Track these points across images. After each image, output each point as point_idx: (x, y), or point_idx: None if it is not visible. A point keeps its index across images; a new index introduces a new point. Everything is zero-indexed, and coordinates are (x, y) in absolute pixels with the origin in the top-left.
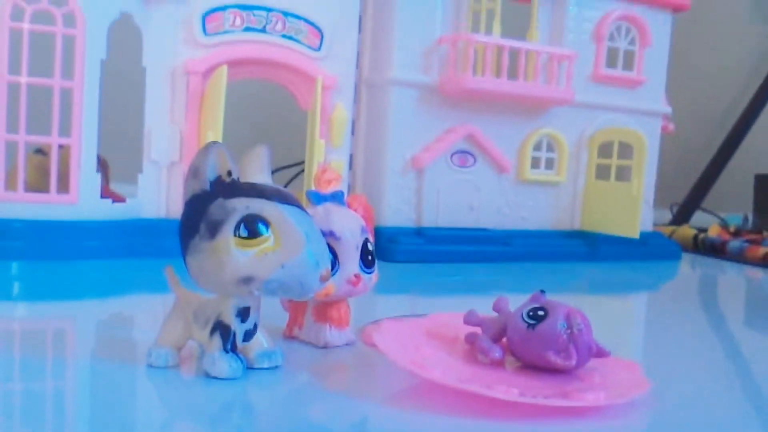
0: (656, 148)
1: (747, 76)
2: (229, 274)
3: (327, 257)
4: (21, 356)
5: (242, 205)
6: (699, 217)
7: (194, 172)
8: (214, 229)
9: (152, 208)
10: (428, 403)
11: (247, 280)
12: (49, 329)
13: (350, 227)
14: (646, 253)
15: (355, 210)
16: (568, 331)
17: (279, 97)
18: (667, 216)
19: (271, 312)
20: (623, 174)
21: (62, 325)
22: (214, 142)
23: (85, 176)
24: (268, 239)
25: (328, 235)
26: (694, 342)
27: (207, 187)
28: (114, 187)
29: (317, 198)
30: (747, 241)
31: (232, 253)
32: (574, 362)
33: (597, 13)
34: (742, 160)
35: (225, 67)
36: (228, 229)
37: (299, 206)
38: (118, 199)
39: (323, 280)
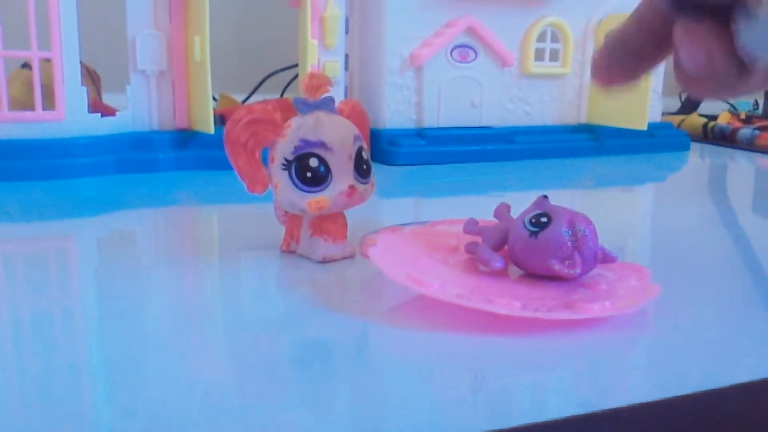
0: None
1: None
2: None
3: None
4: (24, 276)
5: None
6: (708, 104)
7: None
8: None
9: (143, 120)
10: (429, 317)
11: None
12: (50, 248)
13: (342, 136)
14: (654, 144)
15: (348, 117)
16: (573, 238)
17: None
18: (676, 104)
19: (267, 226)
20: None
21: (62, 243)
22: None
23: (70, 91)
24: None
25: (318, 145)
26: (705, 237)
27: None
28: (106, 99)
29: (305, 106)
30: (758, 128)
31: None
32: (578, 270)
33: None
34: None
35: None
36: None
37: None
38: (109, 112)
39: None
